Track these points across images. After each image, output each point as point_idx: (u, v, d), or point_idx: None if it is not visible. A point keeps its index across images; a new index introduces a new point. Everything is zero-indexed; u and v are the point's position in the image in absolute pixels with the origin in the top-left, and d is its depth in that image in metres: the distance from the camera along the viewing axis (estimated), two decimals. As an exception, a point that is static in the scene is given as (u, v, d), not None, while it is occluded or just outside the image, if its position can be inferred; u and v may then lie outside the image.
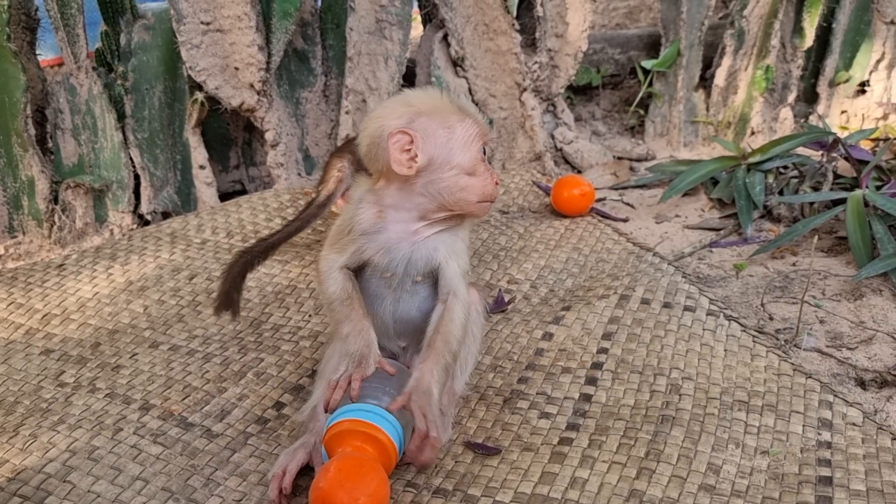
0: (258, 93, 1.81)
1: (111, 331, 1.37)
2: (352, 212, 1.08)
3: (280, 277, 1.50)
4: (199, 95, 1.80)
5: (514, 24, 1.98)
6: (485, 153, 1.08)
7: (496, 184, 1.07)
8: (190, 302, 1.45)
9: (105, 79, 1.82)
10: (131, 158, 1.81)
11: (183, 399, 1.17)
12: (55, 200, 1.77)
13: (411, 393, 0.99)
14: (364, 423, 0.96)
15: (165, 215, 1.84)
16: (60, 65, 2.54)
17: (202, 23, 1.73)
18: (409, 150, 1.02)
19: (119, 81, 1.81)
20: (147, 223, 1.83)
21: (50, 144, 1.81)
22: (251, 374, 1.23)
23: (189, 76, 1.80)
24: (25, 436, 1.10)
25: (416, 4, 2.04)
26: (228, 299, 1.21)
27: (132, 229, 1.80)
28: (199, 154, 1.86)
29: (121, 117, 1.80)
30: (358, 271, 1.09)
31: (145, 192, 1.82)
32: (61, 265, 1.58)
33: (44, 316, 1.42)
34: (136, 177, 1.82)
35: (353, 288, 1.07)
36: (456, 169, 1.04)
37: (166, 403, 1.16)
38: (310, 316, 1.38)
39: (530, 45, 2.06)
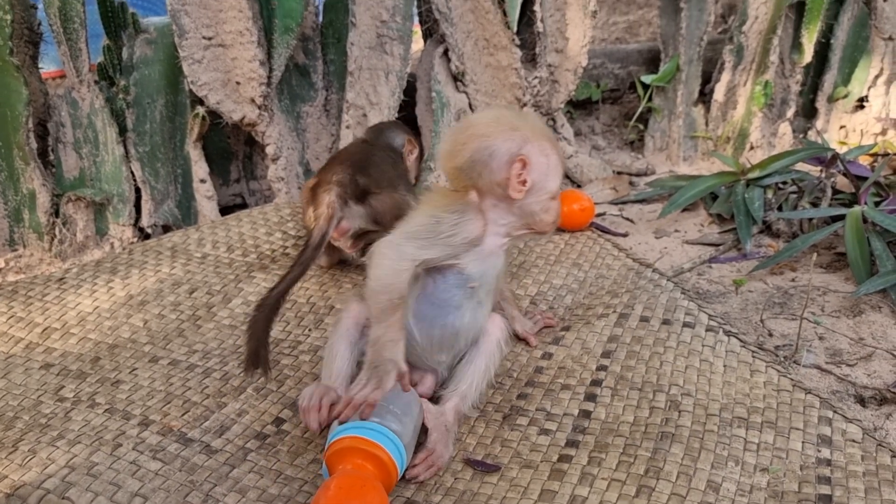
0: (259, 107, 1.81)
1: (111, 345, 1.37)
2: (455, 219, 1.09)
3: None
4: (201, 110, 1.81)
5: (514, 40, 1.99)
6: None
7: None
8: (190, 316, 1.45)
9: (107, 92, 1.83)
10: (132, 172, 1.82)
11: (182, 414, 1.17)
12: (56, 214, 1.77)
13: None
14: (366, 440, 0.97)
15: (166, 229, 1.85)
16: (62, 77, 2.56)
17: (204, 38, 1.74)
18: (521, 174, 1.07)
19: (121, 95, 1.82)
20: (148, 237, 1.84)
21: (51, 157, 1.81)
22: (251, 388, 1.23)
23: (190, 90, 1.80)
24: (24, 451, 1.10)
25: (416, 20, 2.05)
26: (257, 358, 1.17)
27: (133, 243, 1.80)
28: (199, 168, 1.86)
29: (122, 131, 1.81)
30: (427, 277, 1.12)
31: (146, 205, 1.83)
32: (62, 279, 1.58)
33: (44, 330, 1.42)
34: (137, 190, 1.83)
35: (407, 294, 1.07)
36: (548, 194, 1.12)
37: (166, 419, 1.16)
38: (309, 330, 1.38)
39: (530, 60, 2.07)
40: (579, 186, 2.09)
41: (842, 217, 1.62)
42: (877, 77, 2.23)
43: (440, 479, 1.05)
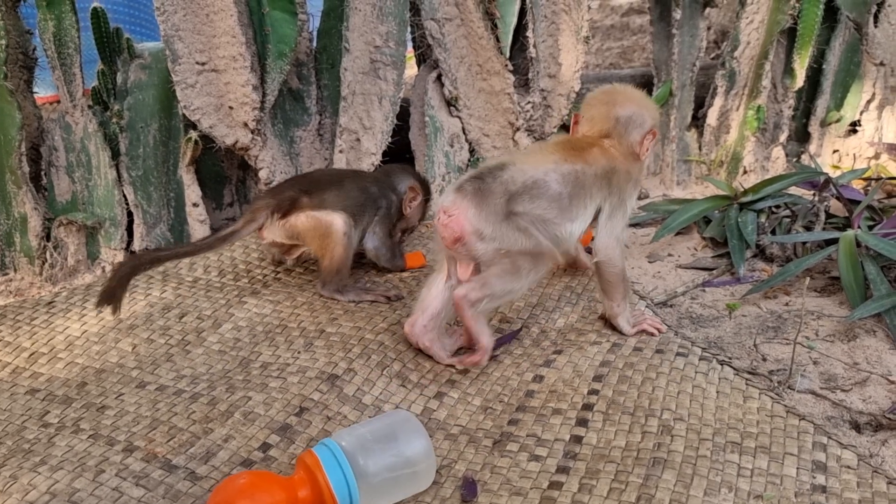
0: (252, 132, 1.82)
1: (98, 370, 1.36)
2: (635, 185, 1.42)
3: (271, 317, 1.49)
4: (193, 134, 1.81)
5: (507, 65, 2.00)
6: None
7: None
8: (179, 341, 1.43)
9: (100, 117, 1.83)
10: (125, 196, 1.82)
11: (168, 441, 1.15)
12: (47, 237, 1.76)
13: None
14: (317, 461, 1.00)
15: (158, 253, 1.84)
16: (57, 102, 2.56)
17: (197, 63, 1.75)
18: (649, 143, 1.41)
19: (114, 120, 1.82)
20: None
21: (44, 181, 1.81)
22: (238, 413, 1.21)
23: (184, 115, 1.81)
24: (6, 477, 1.08)
25: (410, 45, 2.06)
26: (112, 295, 1.40)
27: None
28: (192, 192, 1.86)
29: (115, 155, 1.81)
30: None
31: (138, 229, 1.82)
32: (51, 302, 1.57)
33: (31, 354, 1.41)
34: (130, 214, 1.83)
35: None
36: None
37: (150, 445, 1.14)
38: (299, 353, 1.37)
39: (523, 85, 2.08)
40: (573, 210, 2.09)
41: (835, 241, 1.61)
42: (869, 102, 2.24)
43: (428, 507, 1.03)
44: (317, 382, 1.28)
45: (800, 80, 2.16)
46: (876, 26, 2.17)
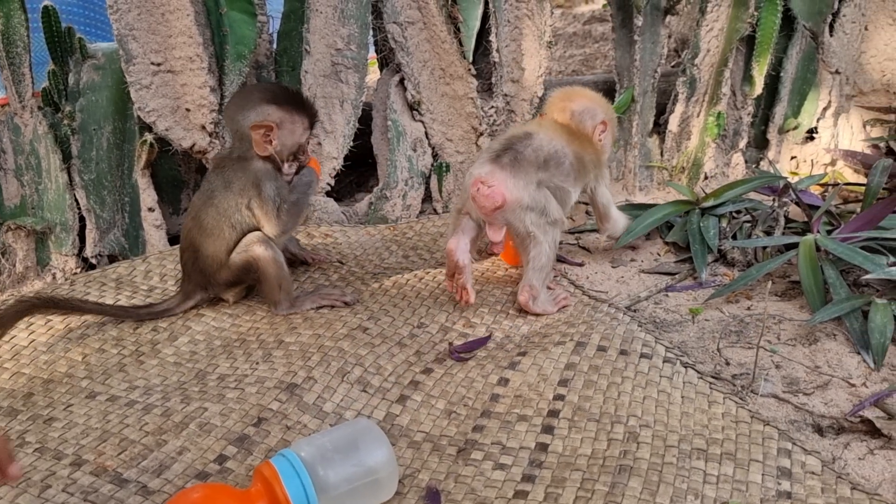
0: (210, 134, 1.77)
1: (46, 380, 1.30)
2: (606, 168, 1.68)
3: (229, 331, 1.45)
4: (149, 136, 1.76)
5: (470, 70, 1.99)
6: None
7: None
8: (133, 352, 1.38)
9: (51, 119, 1.77)
10: (76, 200, 1.76)
11: (119, 454, 1.11)
12: (-6, 243, 1.70)
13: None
14: (275, 473, 0.97)
15: (112, 259, 1.79)
16: (3, 105, 2.49)
17: (153, 63, 1.70)
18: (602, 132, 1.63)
19: (66, 121, 1.76)
20: (92, 267, 1.77)
21: (-9, 185, 1.75)
22: (193, 424, 1.17)
23: (138, 117, 1.76)
24: (-55, 495, 1.02)
25: (372, 49, 2.04)
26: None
27: (76, 273, 1.73)
28: (148, 196, 1.81)
29: (66, 158, 1.76)
30: None
31: (91, 234, 1.76)
32: (-3, 311, 1.51)
33: (-25, 365, 1.35)
34: (82, 219, 1.77)
35: None
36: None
37: (100, 458, 1.10)
38: (257, 364, 1.33)
39: (486, 89, 2.07)
40: (536, 216, 2.08)
41: (795, 245, 1.63)
42: (825, 109, 2.27)
43: (391, 518, 1.01)
44: (275, 392, 1.24)
45: (758, 87, 2.18)
46: (831, 35, 2.21)
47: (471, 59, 1.99)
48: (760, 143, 2.32)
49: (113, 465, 1.08)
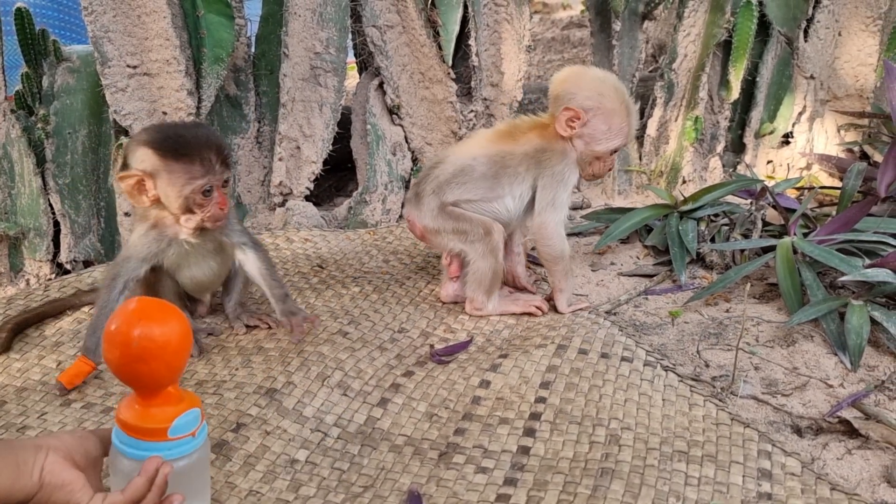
0: (187, 138, 1.75)
1: (19, 388, 1.28)
2: (570, 165, 1.47)
3: (207, 338, 1.43)
4: (125, 140, 1.73)
5: (449, 73, 1.99)
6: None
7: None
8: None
9: (25, 122, 1.74)
10: (51, 205, 1.73)
11: (95, 461, 1.09)
12: (-34, 249, 1.67)
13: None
14: None
15: (87, 264, 1.76)
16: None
17: (128, 66, 1.68)
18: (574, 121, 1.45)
19: (40, 125, 1.74)
20: (67, 272, 1.74)
21: (-38, 190, 1.71)
22: (172, 432, 1.15)
23: (115, 120, 1.73)
24: (-85, 506, 1.00)
25: (351, 53, 2.03)
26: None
27: (50, 279, 1.70)
28: (124, 200, 1.78)
29: (40, 162, 1.73)
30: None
31: (65, 239, 1.74)
32: (-32, 318, 1.48)
33: (-55, 373, 1.32)
34: (56, 224, 1.74)
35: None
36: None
37: (76, 466, 1.08)
38: (236, 370, 1.31)
39: (466, 93, 2.07)
40: (516, 220, 2.09)
41: (773, 248, 1.64)
42: (800, 114, 2.30)
43: (372, 524, 1.00)
44: (255, 397, 1.23)
45: (735, 91, 2.20)
46: (806, 41, 2.24)
47: (450, 62, 1.99)
48: (737, 147, 2.34)
49: (89, 474, 1.06)
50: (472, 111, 2.06)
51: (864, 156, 2.29)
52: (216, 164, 1.23)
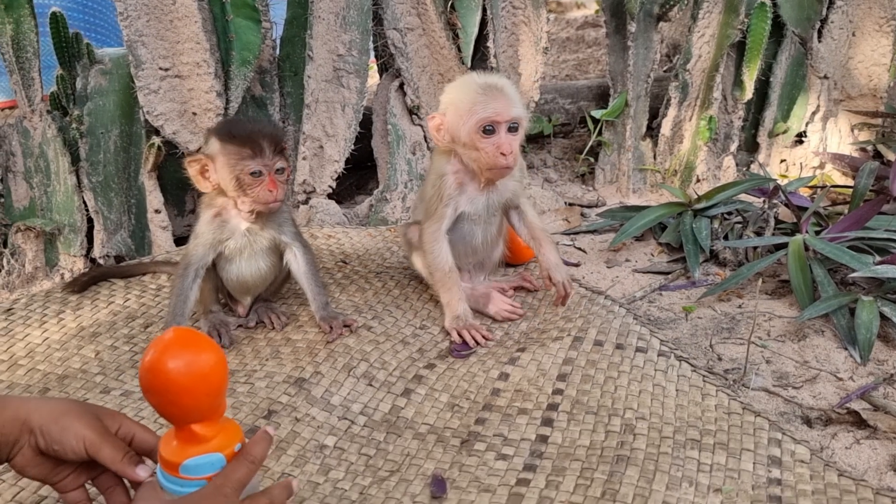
0: (215, 138, 1.81)
1: (61, 376, 1.34)
2: (439, 177, 1.45)
3: (238, 330, 1.48)
4: (157, 140, 1.80)
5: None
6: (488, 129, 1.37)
7: (503, 154, 1.37)
8: (144, 349, 1.42)
9: (59, 122, 1.81)
10: (84, 202, 1.80)
11: (136, 445, 1.15)
12: (4, 244, 1.74)
13: (550, 269, 1.48)
14: None
15: (119, 259, 1.82)
16: (14, 107, 2.52)
17: (161, 69, 1.74)
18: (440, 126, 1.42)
19: (74, 125, 1.80)
20: (100, 267, 1.80)
21: (0, 187, 1.78)
22: (206, 418, 1.21)
23: (146, 120, 1.80)
24: (-31, 485, 1.06)
25: (372, 54, 2.08)
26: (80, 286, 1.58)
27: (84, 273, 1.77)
28: (154, 198, 1.85)
29: (75, 161, 1.79)
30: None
31: (98, 235, 1.80)
32: (9, 310, 1.55)
33: (-10, 362, 1.39)
34: (90, 220, 1.81)
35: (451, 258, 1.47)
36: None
37: (118, 450, 1.13)
38: (266, 360, 1.37)
39: (484, 94, 2.11)
40: (533, 218, 2.13)
41: (785, 245, 1.68)
42: (814, 113, 2.33)
43: (399, 502, 1.05)
44: (284, 386, 1.28)
45: (749, 92, 2.24)
46: (820, 41, 2.27)
47: (469, 64, 2.04)
48: (751, 146, 2.38)
49: (131, 456, 1.12)
50: (490, 111, 2.10)
51: (878, 155, 2.32)
52: (267, 150, 1.32)
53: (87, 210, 1.80)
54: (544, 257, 1.50)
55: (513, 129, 1.38)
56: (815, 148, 2.36)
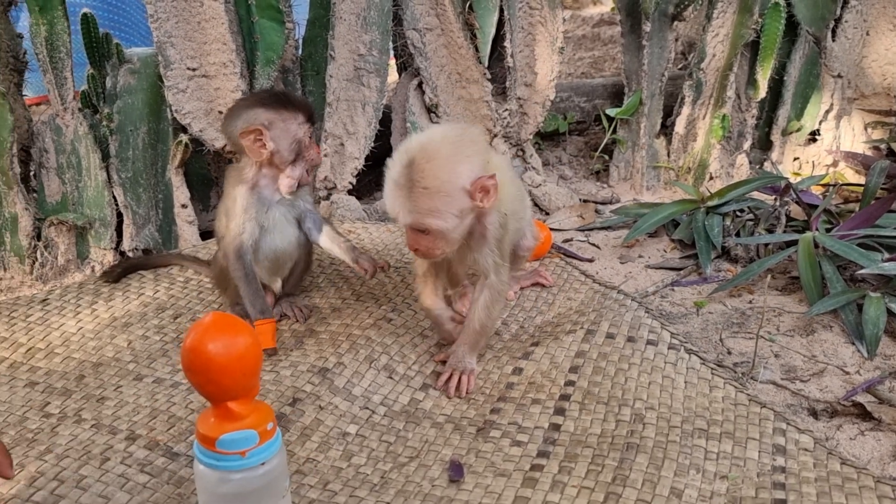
0: (240, 135, 1.87)
1: (95, 364, 1.40)
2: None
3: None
4: (184, 137, 1.86)
5: (485, 74, 2.08)
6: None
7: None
8: (174, 339, 1.48)
9: (90, 120, 1.87)
10: (114, 197, 1.86)
11: (168, 429, 1.21)
12: (38, 237, 1.80)
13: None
14: None
15: (147, 252, 1.89)
16: (40, 103, 2.59)
17: (189, 69, 1.80)
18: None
19: (104, 122, 1.86)
20: (133, 258, 1.87)
21: (34, 183, 1.85)
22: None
23: (173, 118, 1.86)
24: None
25: (392, 53, 2.13)
26: (115, 276, 1.69)
27: (118, 264, 1.83)
28: (181, 193, 1.91)
29: (105, 157, 1.86)
30: None
31: (127, 229, 1.86)
32: (45, 300, 1.61)
33: (28, 350, 1.45)
34: (119, 215, 1.87)
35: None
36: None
37: (152, 433, 1.20)
38: (291, 350, 1.43)
39: (501, 93, 2.16)
40: (547, 214, 2.18)
41: (795, 242, 1.72)
42: (827, 112, 2.36)
43: (419, 486, 1.10)
44: (308, 375, 1.34)
45: (762, 90, 2.27)
46: (834, 40, 2.29)
47: (486, 63, 2.09)
48: (764, 144, 2.41)
49: (164, 440, 1.18)
50: (506, 110, 2.15)
51: (891, 153, 2.34)
52: (308, 111, 1.44)
53: (117, 205, 1.86)
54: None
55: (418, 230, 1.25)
56: (828, 146, 2.38)
